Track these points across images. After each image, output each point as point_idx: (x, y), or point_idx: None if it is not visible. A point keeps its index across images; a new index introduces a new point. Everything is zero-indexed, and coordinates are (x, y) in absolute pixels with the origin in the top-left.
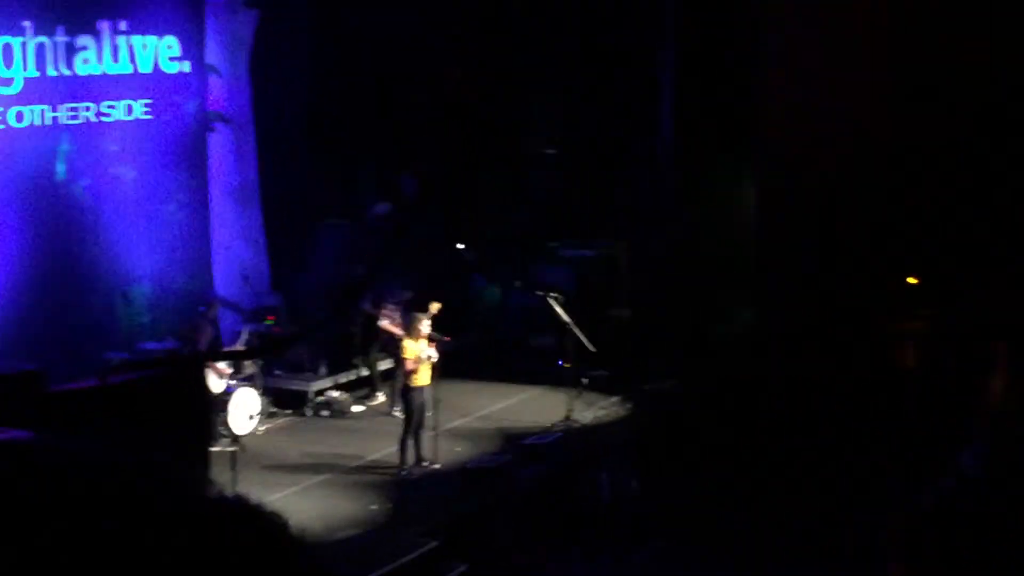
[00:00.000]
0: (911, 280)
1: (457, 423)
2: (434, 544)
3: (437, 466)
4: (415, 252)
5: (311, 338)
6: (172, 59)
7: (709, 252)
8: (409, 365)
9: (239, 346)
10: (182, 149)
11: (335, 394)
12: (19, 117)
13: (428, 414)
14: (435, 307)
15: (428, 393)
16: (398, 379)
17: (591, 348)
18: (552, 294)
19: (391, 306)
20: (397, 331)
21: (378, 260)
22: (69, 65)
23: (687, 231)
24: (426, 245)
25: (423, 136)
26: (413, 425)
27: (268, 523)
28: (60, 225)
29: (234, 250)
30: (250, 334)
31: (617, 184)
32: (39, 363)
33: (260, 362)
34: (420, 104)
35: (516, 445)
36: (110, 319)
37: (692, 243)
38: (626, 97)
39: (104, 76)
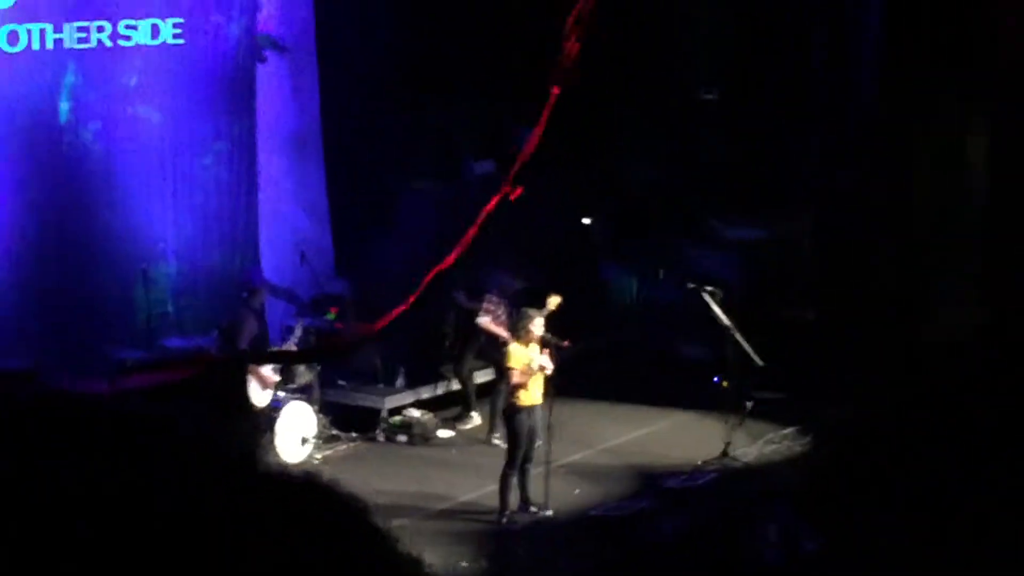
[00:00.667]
0: None
1: (577, 457)
2: None
3: (549, 513)
4: (528, 228)
5: (386, 339)
6: None
7: (923, 231)
8: (515, 377)
9: (291, 346)
10: (222, 84)
11: (416, 414)
12: (12, 39)
13: (539, 444)
14: (553, 302)
15: (540, 416)
16: (500, 396)
17: (759, 362)
18: (708, 288)
19: (494, 299)
20: (501, 332)
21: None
22: None
23: (893, 203)
24: (543, 219)
25: (541, 75)
26: (519, 457)
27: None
28: (62, 182)
29: (288, 219)
30: (306, 330)
31: (799, 141)
32: (32, 360)
33: (318, 368)
34: (540, 31)
35: (655, 488)
36: (124, 306)
37: (900, 219)
38: (811, 24)
39: None
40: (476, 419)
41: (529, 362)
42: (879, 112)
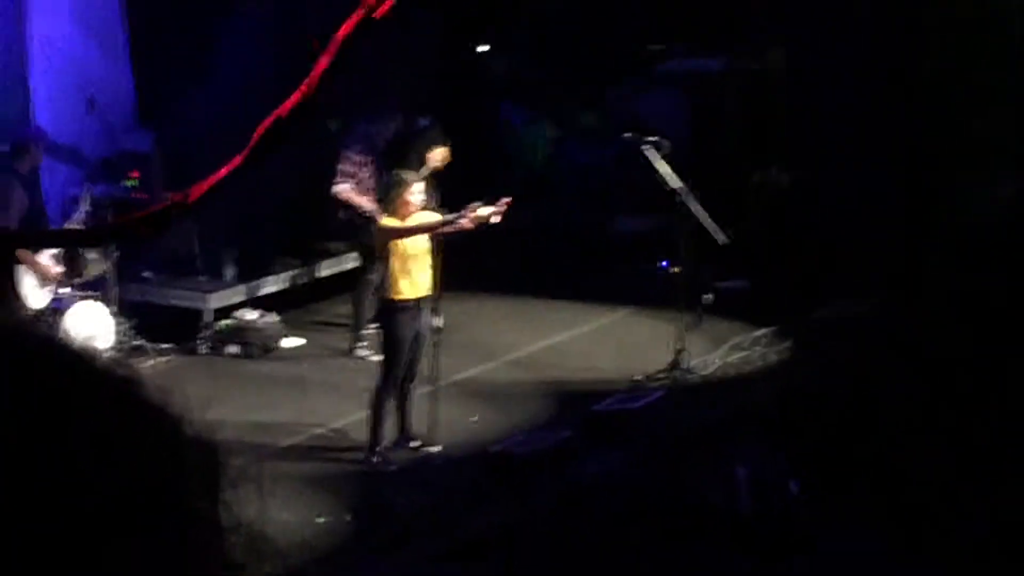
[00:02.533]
0: None
1: (474, 372)
2: None
3: (436, 449)
4: (402, 58)
5: (208, 213)
6: None
7: (942, 68)
8: (387, 262)
9: (76, 224)
10: None
11: (252, 316)
12: None
13: (424, 355)
14: (437, 156)
15: (424, 316)
16: (365, 291)
17: (722, 238)
18: (650, 139)
19: (355, 157)
20: (364, 203)
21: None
22: None
23: (903, 25)
24: (421, 46)
25: None
26: (398, 374)
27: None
28: None
29: (69, 50)
30: (97, 203)
31: None
32: None
33: (115, 254)
34: None
35: (579, 413)
36: None
37: (911, 47)
38: None
39: None
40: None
41: (407, 239)
42: None
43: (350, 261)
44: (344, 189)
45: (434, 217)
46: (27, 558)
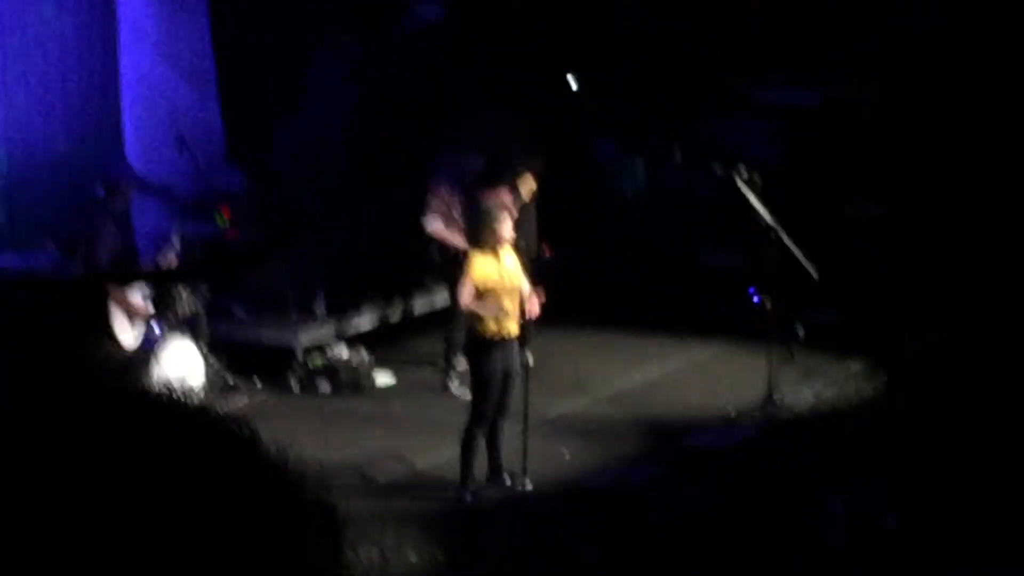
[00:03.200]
0: None
1: (567, 409)
2: None
3: (528, 486)
4: (491, 91)
5: (299, 251)
6: None
7: None
8: (478, 300)
9: (168, 262)
10: None
11: (344, 355)
12: None
13: (512, 394)
14: (526, 188)
15: (514, 352)
16: (458, 328)
17: (813, 273)
18: (741, 171)
19: (444, 192)
20: (453, 238)
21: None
22: None
23: (993, 54)
24: (512, 77)
25: None
26: (488, 411)
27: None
28: None
29: (160, 89)
30: (188, 241)
31: None
32: None
33: (205, 292)
34: None
35: (673, 449)
36: None
37: (1004, 78)
38: None
39: None
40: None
41: (498, 278)
42: None
43: (442, 297)
44: (436, 226)
45: (517, 278)
46: None
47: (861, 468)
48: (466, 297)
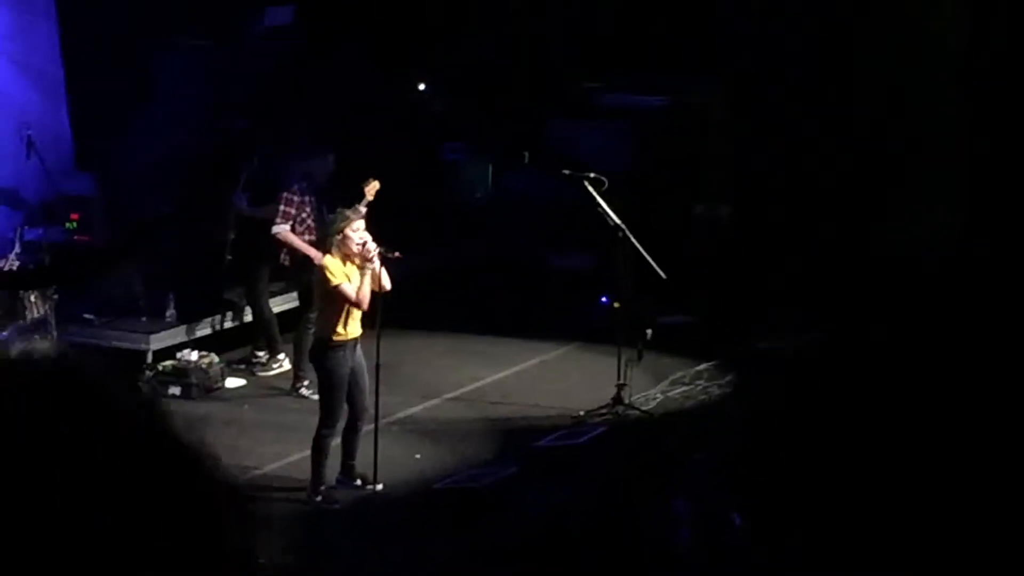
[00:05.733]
0: None
1: (416, 409)
2: None
3: (377, 487)
4: (338, 96)
5: (148, 255)
6: None
7: (882, 99)
8: (327, 303)
9: (10, 266)
10: None
11: (193, 357)
12: None
13: (365, 394)
14: (371, 188)
15: (358, 353)
16: (308, 332)
17: (661, 274)
18: (590, 175)
19: (295, 197)
20: (302, 244)
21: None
22: None
23: (840, 60)
24: (357, 85)
25: None
26: (338, 412)
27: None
28: None
29: (7, 92)
30: (34, 245)
31: None
32: None
33: (54, 297)
34: None
35: (522, 449)
36: None
37: (850, 81)
38: None
39: None
40: (284, 362)
41: (348, 281)
42: None
43: (290, 301)
44: (284, 231)
45: (358, 273)
46: None
47: (707, 467)
48: (350, 291)
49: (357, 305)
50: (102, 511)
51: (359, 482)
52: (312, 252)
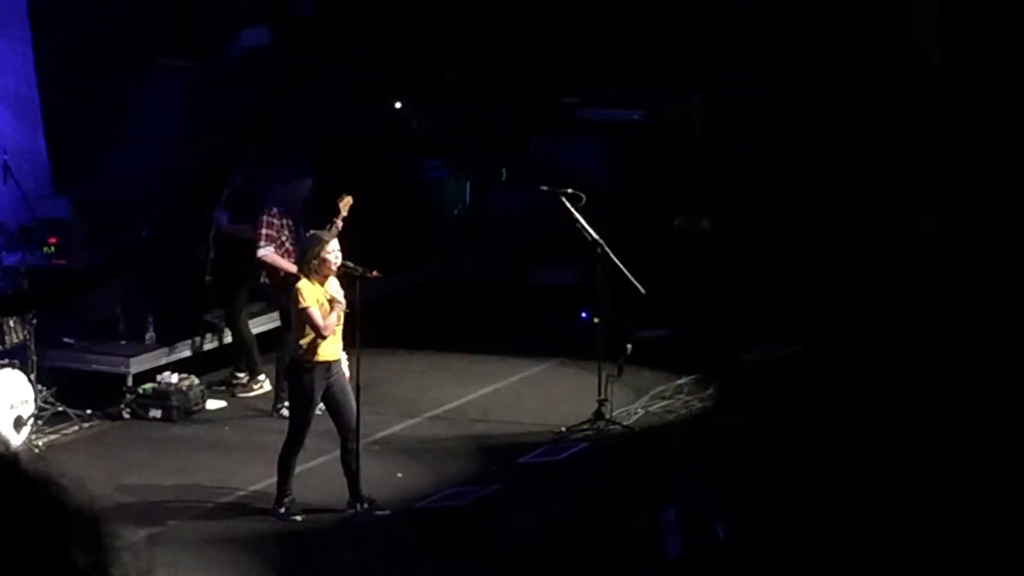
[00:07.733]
0: None
1: (398, 427)
2: None
3: (365, 507)
4: (319, 116)
5: (127, 279)
6: None
7: (866, 111)
8: (300, 324)
9: None
10: None
11: (173, 379)
12: None
13: (348, 413)
14: (345, 204)
15: (340, 376)
16: (285, 349)
17: (640, 288)
18: (568, 191)
19: (275, 219)
20: (287, 265)
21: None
22: None
23: (825, 70)
24: (337, 104)
25: None
26: (303, 432)
27: None
28: None
29: None
30: (12, 270)
31: None
32: None
33: (33, 322)
34: None
35: (504, 466)
36: None
37: (835, 91)
38: None
39: None
40: (264, 383)
41: (323, 301)
42: None
43: (270, 322)
44: (269, 252)
45: (337, 297)
46: None
47: (691, 479)
48: (317, 318)
49: (319, 333)
50: None
51: (366, 505)
52: (289, 269)
